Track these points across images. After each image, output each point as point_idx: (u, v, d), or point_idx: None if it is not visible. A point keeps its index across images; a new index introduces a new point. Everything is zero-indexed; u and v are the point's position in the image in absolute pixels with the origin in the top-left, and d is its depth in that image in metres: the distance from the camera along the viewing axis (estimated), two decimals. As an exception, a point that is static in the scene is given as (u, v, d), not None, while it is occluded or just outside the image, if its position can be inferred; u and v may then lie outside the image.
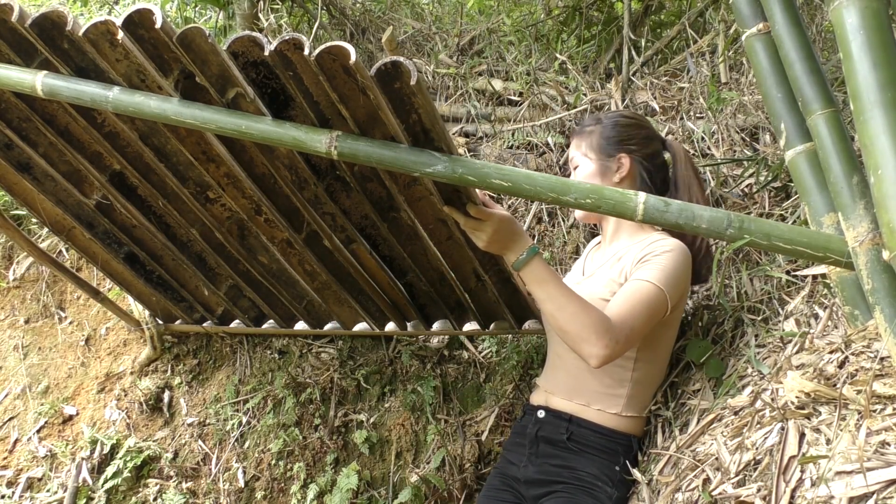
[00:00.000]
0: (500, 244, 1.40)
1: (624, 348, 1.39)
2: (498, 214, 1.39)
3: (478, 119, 2.71)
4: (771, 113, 1.38)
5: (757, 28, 1.39)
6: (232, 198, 1.65)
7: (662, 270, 1.46)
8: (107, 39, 1.19)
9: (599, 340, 1.34)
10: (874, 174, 1.07)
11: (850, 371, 1.12)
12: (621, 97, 2.65)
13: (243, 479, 2.31)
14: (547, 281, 1.39)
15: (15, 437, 2.41)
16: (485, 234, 1.39)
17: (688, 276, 1.53)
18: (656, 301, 1.43)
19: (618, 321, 1.38)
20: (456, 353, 2.39)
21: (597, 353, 1.34)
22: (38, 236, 2.59)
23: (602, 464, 1.53)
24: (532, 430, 1.63)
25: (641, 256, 1.51)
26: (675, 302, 1.48)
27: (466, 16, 3.39)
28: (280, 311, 2.20)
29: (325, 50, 1.05)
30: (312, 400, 2.34)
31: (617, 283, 1.53)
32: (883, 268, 1.12)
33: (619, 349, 1.36)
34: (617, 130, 1.64)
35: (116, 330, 2.53)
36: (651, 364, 1.58)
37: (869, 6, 1.11)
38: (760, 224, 1.20)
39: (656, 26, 3.27)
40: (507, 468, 1.68)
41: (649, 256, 1.50)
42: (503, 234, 1.39)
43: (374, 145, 1.20)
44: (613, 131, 1.63)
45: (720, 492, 1.15)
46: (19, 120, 1.57)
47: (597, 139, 1.64)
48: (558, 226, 2.41)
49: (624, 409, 1.55)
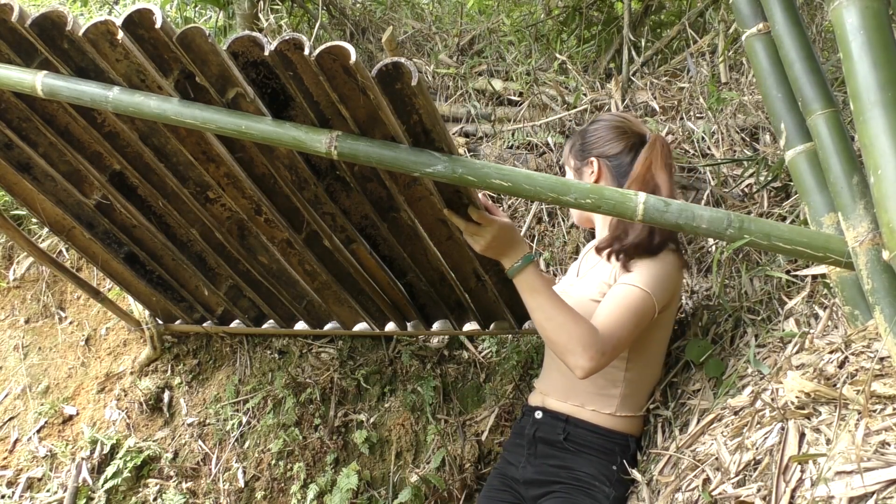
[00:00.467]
0: (496, 250, 1.42)
1: (610, 359, 1.41)
2: (500, 221, 1.40)
3: (478, 119, 2.71)
4: (771, 113, 1.38)
5: (757, 28, 1.39)
6: (232, 198, 1.65)
7: (648, 273, 1.47)
8: (107, 39, 1.19)
9: (585, 352, 1.36)
10: (874, 174, 1.07)
11: (850, 371, 1.12)
12: (621, 97, 2.65)
13: (243, 479, 2.31)
14: (538, 291, 1.41)
15: (15, 437, 2.41)
16: (483, 240, 1.41)
17: (677, 275, 1.54)
18: (643, 305, 1.45)
19: (605, 332, 1.39)
20: (456, 353, 2.39)
21: (582, 365, 1.37)
22: (38, 236, 2.59)
23: (599, 464, 1.53)
24: (530, 431, 1.64)
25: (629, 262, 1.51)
26: (664, 304, 1.49)
27: (466, 16, 3.39)
28: (280, 311, 2.20)
29: (326, 50, 1.05)
30: (312, 400, 2.34)
31: (607, 284, 1.54)
32: (883, 268, 1.12)
33: (604, 361, 1.39)
34: (587, 136, 1.70)
35: (116, 330, 2.53)
36: (644, 364, 1.59)
37: (869, 6, 1.11)
38: (760, 224, 1.20)
39: (656, 26, 3.27)
40: (507, 469, 1.68)
41: (636, 262, 1.50)
42: (502, 241, 1.41)
43: (374, 145, 1.20)
44: (584, 137, 1.70)
45: (720, 492, 1.15)
46: (19, 120, 1.57)
47: (575, 147, 1.71)
48: (558, 226, 2.41)
49: (618, 409, 1.56)
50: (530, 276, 1.42)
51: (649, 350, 1.59)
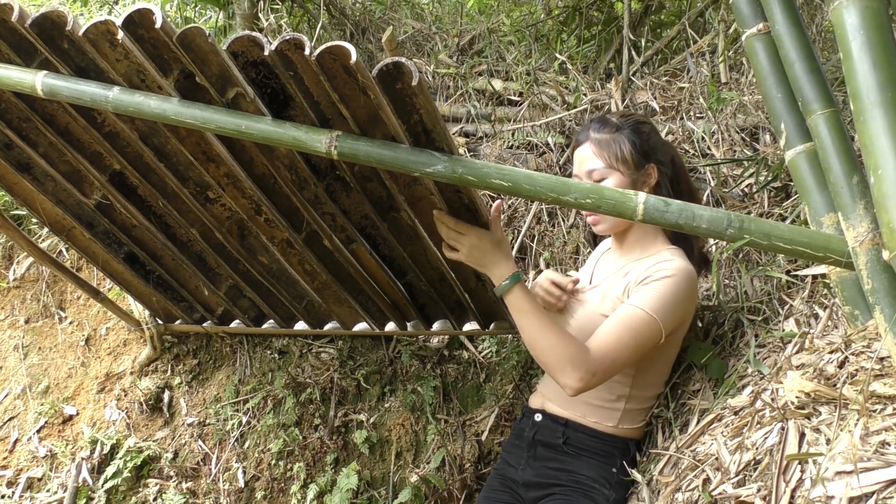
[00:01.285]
0: (477, 260, 1.41)
1: (602, 379, 1.39)
2: (477, 230, 1.39)
3: (478, 119, 2.71)
4: (771, 113, 1.38)
5: (757, 28, 1.39)
6: (232, 198, 1.65)
7: (659, 297, 1.42)
8: (107, 39, 1.19)
9: (575, 373, 1.35)
10: (874, 174, 1.07)
11: (850, 371, 1.12)
12: (621, 97, 2.65)
13: (243, 479, 2.31)
14: (527, 311, 1.39)
15: (15, 437, 2.41)
16: (462, 248, 1.40)
17: (690, 300, 1.49)
18: (647, 330, 1.41)
19: (598, 353, 1.37)
20: (456, 353, 2.39)
21: (571, 385, 1.36)
22: (38, 236, 2.59)
23: (599, 466, 1.53)
24: (529, 433, 1.63)
25: (643, 278, 1.47)
26: (672, 328, 1.45)
27: (466, 16, 3.39)
28: (280, 311, 2.20)
29: (326, 50, 1.05)
30: (312, 400, 2.34)
31: (620, 300, 1.50)
32: (883, 268, 1.12)
33: (595, 381, 1.37)
34: (643, 139, 1.52)
35: (116, 330, 2.53)
36: (650, 380, 1.58)
37: (869, 6, 1.11)
38: (760, 224, 1.20)
39: (656, 26, 3.27)
40: (506, 470, 1.68)
41: (649, 280, 1.45)
42: (482, 251, 1.39)
43: (374, 145, 1.20)
44: (641, 139, 1.51)
45: (720, 492, 1.15)
46: (19, 120, 1.57)
47: (626, 150, 1.50)
48: (558, 226, 2.41)
49: (620, 422, 1.55)
50: (519, 296, 1.40)
51: (656, 367, 1.57)
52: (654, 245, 1.56)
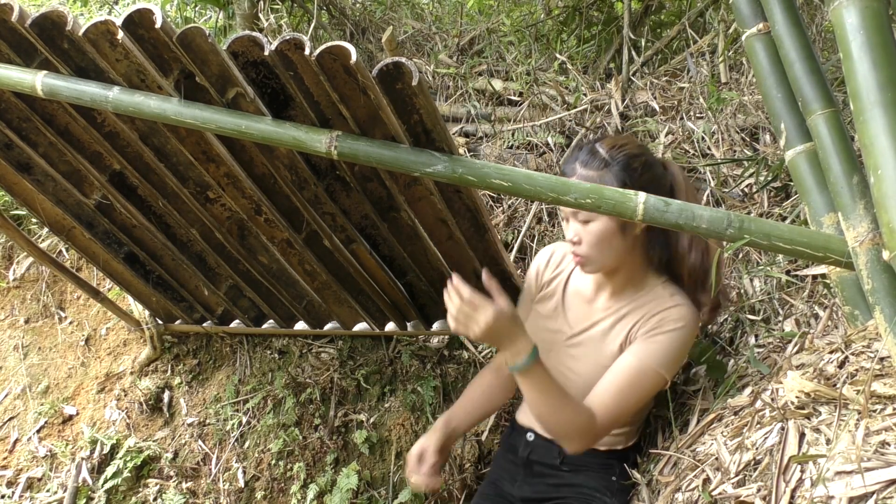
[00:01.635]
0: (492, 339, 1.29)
1: (604, 435, 1.41)
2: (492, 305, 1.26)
3: (478, 119, 2.71)
4: (771, 113, 1.38)
5: (757, 28, 1.38)
6: (232, 198, 1.65)
7: (668, 352, 1.38)
8: (107, 39, 1.19)
9: (581, 441, 1.38)
10: (874, 174, 1.07)
11: (850, 371, 1.12)
12: (621, 97, 2.65)
13: (243, 479, 2.31)
14: (545, 389, 1.32)
15: (15, 437, 2.41)
16: (476, 326, 1.27)
17: (693, 338, 1.44)
18: (652, 385, 1.39)
19: (604, 419, 1.36)
20: (456, 353, 2.39)
21: (575, 450, 1.39)
22: (38, 236, 2.59)
23: (599, 477, 1.53)
24: (524, 452, 1.59)
25: (650, 329, 1.39)
26: (676, 372, 1.44)
27: (466, 16, 3.39)
28: (280, 311, 2.20)
29: (326, 50, 1.05)
30: (312, 400, 2.34)
31: (622, 347, 1.44)
32: (883, 268, 1.12)
33: (596, 441, 1.40)
34: (634, 177, 1.35)
35: (116, 330, 2.53)
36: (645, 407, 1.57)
37: (869, 6, 1.11)
38: (760, 224, 1.19)
39: (656, 26, 3.27)
40: (501, 482, 1.64)
41: (656, 333, 1.39)
42: (498, 332, 1.28)
43: (374, 145, 1.20)
44: (631, 178, 1.34)
45: (720, 492, 1.15)
46: (19, 120, 1.57)
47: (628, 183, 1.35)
48: (558, 226, 2.41)
49: (614, 444, 1.55)
50: (539, 376, 1.31)
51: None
52: (646, 280, 1.47)
